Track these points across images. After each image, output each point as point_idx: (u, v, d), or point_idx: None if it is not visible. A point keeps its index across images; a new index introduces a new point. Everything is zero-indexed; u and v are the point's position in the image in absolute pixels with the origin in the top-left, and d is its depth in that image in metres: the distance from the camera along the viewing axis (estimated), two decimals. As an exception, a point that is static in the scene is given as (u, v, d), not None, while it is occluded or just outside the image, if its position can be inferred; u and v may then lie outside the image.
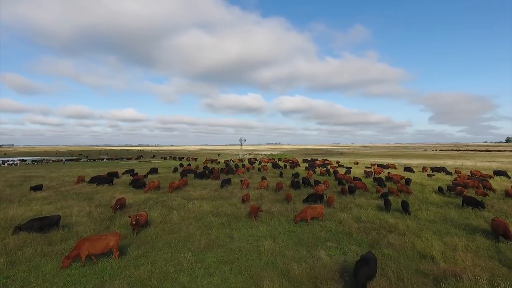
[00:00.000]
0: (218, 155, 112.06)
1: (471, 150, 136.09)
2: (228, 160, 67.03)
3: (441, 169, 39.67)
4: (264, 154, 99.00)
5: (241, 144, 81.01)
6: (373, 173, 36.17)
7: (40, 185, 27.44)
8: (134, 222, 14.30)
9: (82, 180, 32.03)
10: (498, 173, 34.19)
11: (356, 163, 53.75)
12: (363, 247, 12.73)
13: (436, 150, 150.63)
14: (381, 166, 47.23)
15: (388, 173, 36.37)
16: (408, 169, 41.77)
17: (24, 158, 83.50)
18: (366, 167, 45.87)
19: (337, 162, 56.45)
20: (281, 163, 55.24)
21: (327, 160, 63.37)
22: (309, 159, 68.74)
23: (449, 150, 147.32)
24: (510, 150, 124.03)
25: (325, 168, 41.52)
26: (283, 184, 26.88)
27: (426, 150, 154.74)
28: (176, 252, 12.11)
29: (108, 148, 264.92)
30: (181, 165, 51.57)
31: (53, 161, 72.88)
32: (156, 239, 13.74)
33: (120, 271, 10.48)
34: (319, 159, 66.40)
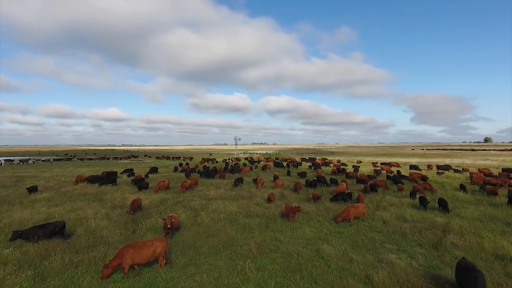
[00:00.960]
0: (210, 154, 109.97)
1: (457, 150, 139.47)
2: (226, 160, 65.41)
3: (447, 167, 39.60)
4: (260, 153, 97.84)
5: (236, 144, 79.60)
6: (386, 172, 35.55)
7: (35, 186, 24.75)
8: (169, 226, 12.77)
9: (81, 180, 29.81)
10: (506, 170, 34.27)
11: (360, 162, 53.25)
12: (426, 249, 11.74)
13: (424, 149, 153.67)
14: (384, 164, 46.90)
15: (398, 171, 35.87)
16: (414, 167, 41.53)
17: (11, 158, 79.08)
18: (374, 166, 45.44)
19: (338, 161, 55.88)
20: (282, 163, 54.11)
21: (327, 159, 62.77)
22: (307, 158, 68.02)
23: (435, 149, 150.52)
24: (494, 150, 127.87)
25: (335, 167, 40.66)
26: (301, 183, 25.68)
27: (413, 149, 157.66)
28: (228, 258, 10.73)
29: (92, 148, 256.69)
30: (181, 164, 49.65)
31: (42, 161, 69.17)
32: (196, 243, 12.29)
33: (175, 282, 9.01)
34: (317, 158, 65.71)
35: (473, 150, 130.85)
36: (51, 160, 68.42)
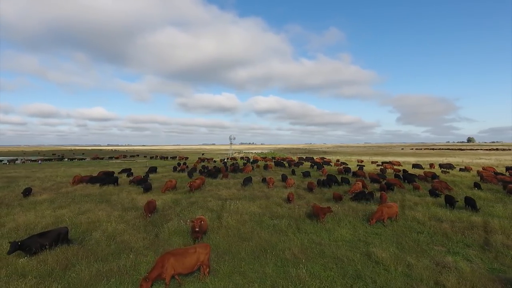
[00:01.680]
0: (202, 154, 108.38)
1: (445, 149, 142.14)
2: (224, 160, 64.06)
3: (450, 166, 39.61)
4: (255, 152, 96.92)
5: (231, 143, 78.39)
6: (394, 171, 35.14)
7: (29, 188, 22.06)
8: (197, 229, 11.68)
9: (79, 181, 27.87)
10: (511, 169, 34.45)
11: (361, 161, 52.82)
12: (477, 250, 11.11)
13: (413, 149, 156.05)
14: (385, 163, 46.73)
15: (404, 170, 35.58)
16: (417, 165, 41.47)
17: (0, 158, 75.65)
18: (378, 165, 45.18)
19: (337, 160, 55.46)
20: (284, 162, 53.26)
21: (326, 158, 62.34)
22: (304, 157, 67.46)
23: (425, 149, 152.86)
24: (481, 149, 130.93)
25: (341, 167, 40.06)
26: (314, 183, 24.74)
27: (403, 149, 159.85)
28: (274, 264, 9.74)
29: (78, 148, 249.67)
30: (179, 164, 48.23)
31: (32, 161, 66.07)
32: (231, 248, 11.23)
33: (227, 295, 7.97)
34: (314, 157, 65.19)
35: (461, 149, 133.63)
36: (40, 161, 65.28)
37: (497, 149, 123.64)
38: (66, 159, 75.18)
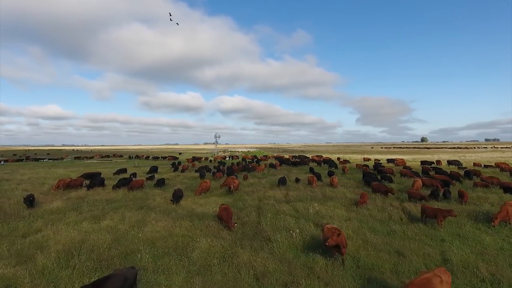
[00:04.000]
0: (180, 153, 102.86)
1: (412, 147, 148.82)
2: (222, 159, 59.81)
3: (458, 163, 39.91)
4: (242, 151, 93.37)
5: (216, 142, 74.38)
6: (422, 169, 34.04)
7: (31, 195, 16.77)
8: (333, 243, 8.85)
9: (67, 185, 22.37)
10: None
11: (367, 159, 51.62)
12: None
13: (382, 147, 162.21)
14: (391, 160, 46.49)
15: (435, 167, 34.80)
16: (425, 162, 41.44)
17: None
18: (388, 162, 44.74)
19: (338, 158, 54.25)
20: (289, 160, 50.85)
21: (323, 156, 60.99)
22: (297, 155, 65.76)
23: (394, 147, 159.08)
24: (446, 147, 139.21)
25: (364, 164, 38.58)
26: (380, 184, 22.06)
27: (373, 147, 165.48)
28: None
29: (32, 148, 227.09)
30: (174, 164, 44.02)
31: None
32: (397, 268, 8.54)
33: None
34: (310, 156, 63.43)
35: (427, 148, 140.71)
36: (2, 161, 56.11)
37: (459, 148, 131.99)
38: (42, 160, 66.38)
